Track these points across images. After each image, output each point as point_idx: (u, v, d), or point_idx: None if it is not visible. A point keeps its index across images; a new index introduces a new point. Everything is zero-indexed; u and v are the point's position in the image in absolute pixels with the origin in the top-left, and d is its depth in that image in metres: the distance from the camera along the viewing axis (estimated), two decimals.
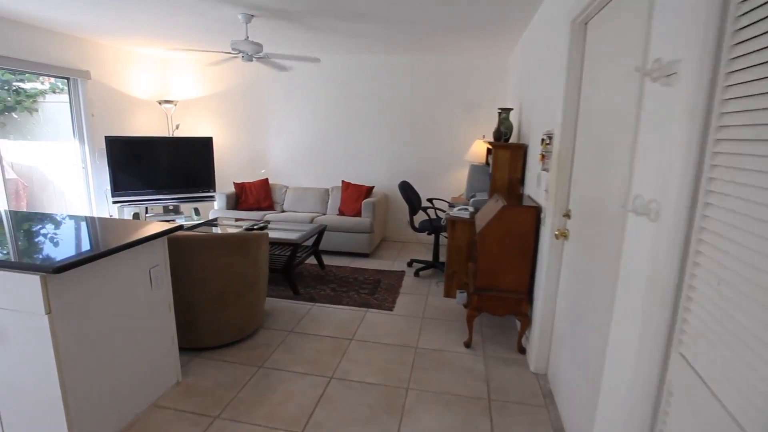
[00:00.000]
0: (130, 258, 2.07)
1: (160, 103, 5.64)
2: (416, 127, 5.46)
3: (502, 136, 3.70)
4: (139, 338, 2.18)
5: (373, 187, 5.31)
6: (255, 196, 5.54)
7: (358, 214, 5.12)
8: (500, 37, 4.24)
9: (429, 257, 4.97)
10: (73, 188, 5.21)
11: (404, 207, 5.42)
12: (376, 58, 5.37)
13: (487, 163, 4.52)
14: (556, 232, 2.35)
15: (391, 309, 3.61)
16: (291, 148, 5.86)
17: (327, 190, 5.58)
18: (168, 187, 5.36)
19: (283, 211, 5.60)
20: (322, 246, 4.92)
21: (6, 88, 5.44)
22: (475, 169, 4.22)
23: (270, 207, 5.58)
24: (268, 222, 4.47)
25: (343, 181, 5.42)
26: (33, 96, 5.81)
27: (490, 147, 3.96)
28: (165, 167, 5.34)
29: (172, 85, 6.04)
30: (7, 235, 2.13)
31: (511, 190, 3.56)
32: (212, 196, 5.47)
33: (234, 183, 5.60)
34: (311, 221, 5.00)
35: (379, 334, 3.18)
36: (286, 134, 5.83)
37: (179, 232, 2.59)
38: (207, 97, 5.98)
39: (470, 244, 3.71)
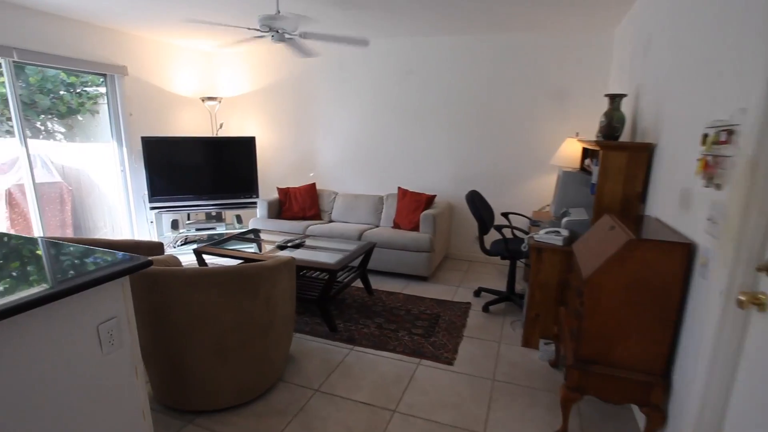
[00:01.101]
0: (63, 314, 1.42)
1: (203, 101, 5.21)
2: (489, 123, 4.49)
3: (613, 133, 2.66)
4: (85, 423, 1.52)
5: (434, 196, 4.43)
6: (300, 203, 4.91)
7: (416, 227, 4.28)
8: (607, 2, 3.17)
9: (502, 285, 4.00)
10: (114, 193, 4.93)
11: (472, 220, 4.49)
12: (441, 41, 4.49)
13: (584, 169, 3.46)
14: (741, 296, 1.34)
15: (450, 362, 2.73)
16: (342, 149, 5.16)
17: (381, 198, 4.80)
18: (208, 192, 4.90)
19: (330, 221, 4.91)
20: (373, 264, 4.15)
21: (71, 90, 5.31)
22: (567, 178, 3.19)
23: (316, 216, 4.92)
24: (305, 238, 3.77)
25: (399, 188, 4.60)
26: (94, 98, 5.67)
27: (590, 147, 2.93)
28: (204, 170, 4.88)
29: (216, 81, 5.62)
30: None
31: (626, 210, 2.52)
32: (255, 203, 4.93)
33: (278, 188, 5.02)
34: (360, 236, 4.24)
35: (433, 404, 2.32)
36: (336, 133, 5.14)
37: (156, 267, 1.93)
38: (252, 93, 5.47)
39: (563, 282, 2.71)
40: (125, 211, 4.83)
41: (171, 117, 5.10)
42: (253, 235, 4.08)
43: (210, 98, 5.19)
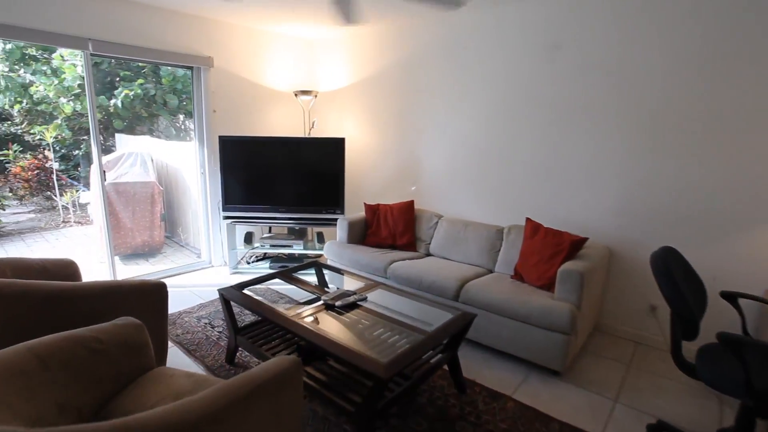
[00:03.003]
0: None
1: (296, 95, 4.43)
2: (702, 129, 2.67)
3: None
4: None
5: (584, 239, 2.81)
6: (391, 226, 3.75)
7: (548, 285, 2.75)
8: None
9: (695, 413, 2.22)
10: (197, 196, 4.47)
11: (646, 280, 2.77)
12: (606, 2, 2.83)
13: None
14: None
15: None
16: (453, 158, 3.83)
17: (500, 232, 3.34)
18: (286, 203, 4.08)
19: (427, 254, 3.64)
20: (475, 334, 2.77)
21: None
22: None
23: (409, 245, 3.70)
24: (373, 289, 2.58)
25: (529, 221, 3.09)
26: None
27: None
28: (284, 176, 4.07)
29: (314, 73, 4.81)
30: None
31: None
32: (336, 221, 3.94)
33: (365, 204, 3.94)
34: (459, 291, 2.87)
35: None
36: (448, 136, 3.83)
37: None
38: (351, 86, 4.50)
39: None
40: (203, 217, 4.31)
41: (260, 114, 4.44)
42: (315, 270, 3.05)
43: (304, 92, 4.38)
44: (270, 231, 4.45)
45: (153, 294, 2.14)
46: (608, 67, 2.91)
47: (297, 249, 4.15)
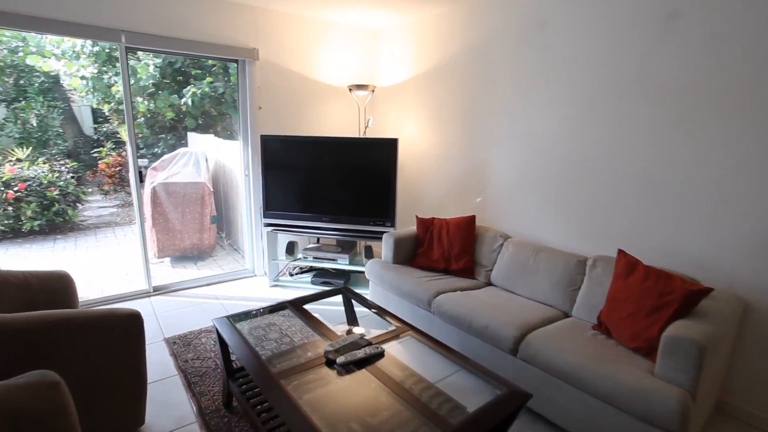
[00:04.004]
0: None
1: (350, 90, 3.99)
2: None
3: None
4: None
5: (708, 289, 1.96)
6: (445, 246, 3.14)
7: (647, 349, 1.96)
8: None
9: None
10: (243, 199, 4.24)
11: None
12: None
13: None
14: None
15: None
16: (527, 165, 3.10)
17: (582, 263, 2.57)
18: (330, 212, 3.66)
19: (487, 284, 2.98)
20: (536, 403, 2.09)
21: None
22: None
23: (466, 270, 3.06)
24: (381, 347, 2.01)
25: (621, 253, 2.30)
26: None
27: None
28: (330, 181, 3.65)
29: (374, 65, 4.32)
30: None
31: None
32: (389, 232, 3.42)
33: (417, 218, 3.37)
34: (518, 342, 2.19)
35: None
36: (523, 138, 3.11)
37: None
38: (413, 80, 3.94)
39: None
40: (247, 223, 4.07)
41: (310, 111, 4.07)
42: (343, 299, 2.57)
43: (359, 87, 3.92)
44: (318, 242, 4.07)
45: (122, 327, 1.80)
46: (749, 41, 2.01)
47: (342, 264, 3.72)
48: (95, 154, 7.17)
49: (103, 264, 4.58)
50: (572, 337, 2.15)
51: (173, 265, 4.45)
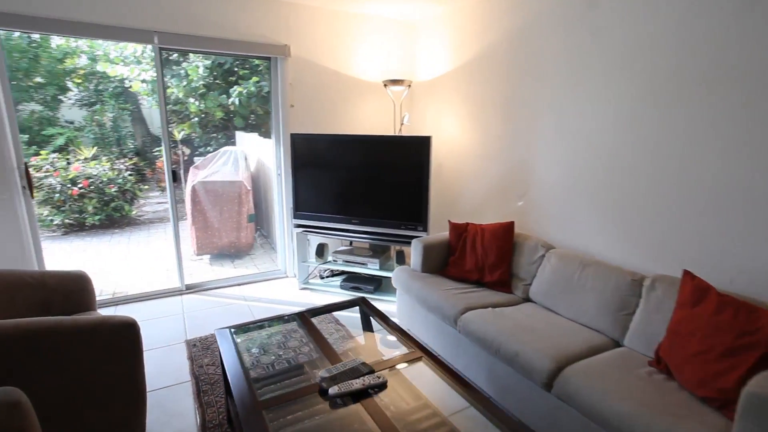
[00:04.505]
0: None
1: (385, 86, 3.76)
2: None
3: None
4: None
5: None
6: (479, 254, 2.83)
7: (720, 401, 1.55)
8: None
9: None
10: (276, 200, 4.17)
11: None
12: None
13: None
14: None
15: None
16: (573, 166, 2.69)
17: (638, 283, 2.15)
18: (360, 215, 3.47)
19: (524, 300, 2.63)
20: None
21: None
22: None
23: (501, 283, 2.72)
24: (384, 378, 1.75)
25: (688, 274, 1.87)
26: None
27: None
28: (358, 181, 3.46)
29: (411, 59, 4.06)
30: None
31: None
32: (418, 238, 3.16)
33: (450, 223, 3.07)
34: (549, 379, 1.84)
35: None
36: (568, 134, 2.71)
37: None
38: (451, 73, 3.63)
39: None
40: (279, 223, 3.99)
41: (344, 108, 3.90)
42: (360, 312, 2.36)
43: (394, 82, 3.69)
44: (351, 244, 3.90)
45: (116, 336, 1.71)
46: None
47: (372, 268, 3.51)
48: (155, 153, 7.56)
49: (148, 259, 4.74)
50: (622, 375, 1.78)
51: (211, 263, 4.50)
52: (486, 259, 2.80)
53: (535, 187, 2.98)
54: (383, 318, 2.19)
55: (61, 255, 5.04)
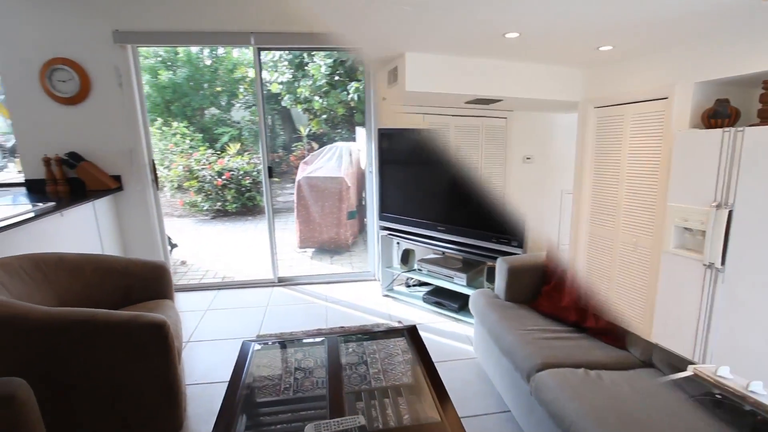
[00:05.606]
0: None
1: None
2: None
3: None
4: None
5: None
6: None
7: None
8: None
9: None
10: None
11: None
12: None
13: None
14: None
15: None
16: None
17: None
18: (445, 221, 3.02)
19: (644, 364, 1.86)
20: None
21: None
22: None
23: (609, 333, 1.99)
24: None
25: None
26: None
27: None
28: (446, 183, 3.00)
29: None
30: None
31: None
32: (506, 257, 2.58)
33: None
34: None
35: None
36: None
37: None
38: None
39: None
40: (369, 223, 3.78)
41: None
42: (407, 343, 1.96)
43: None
44: (443, 254, 3.47)
45: (144, 334, 1.68)
46: None
47: (459, 284, 3.04)
48: (293, 149, 8.18)
49: (262, 247, 5.08)
50: None
51: (312, 257, 4.57)
52: (590, 296, 2.09)
53: None
54: (425, 362, 1.75)
55: (194, 234, 5.78)
